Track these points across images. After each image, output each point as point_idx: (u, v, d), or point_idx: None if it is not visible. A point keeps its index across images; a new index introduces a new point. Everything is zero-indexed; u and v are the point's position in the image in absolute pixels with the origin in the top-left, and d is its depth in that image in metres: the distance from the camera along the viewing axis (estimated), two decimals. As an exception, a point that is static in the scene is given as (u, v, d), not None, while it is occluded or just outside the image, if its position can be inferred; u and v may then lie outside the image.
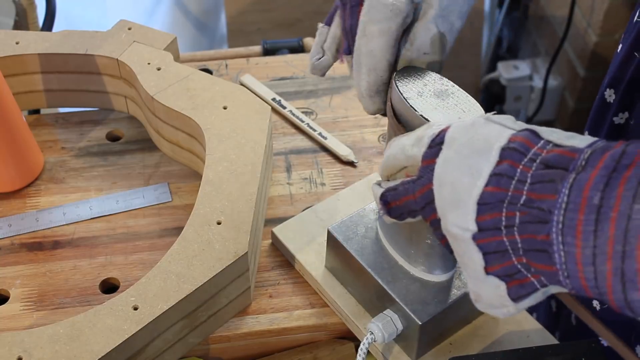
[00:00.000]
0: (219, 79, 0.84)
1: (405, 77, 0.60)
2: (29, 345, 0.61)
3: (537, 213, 0.45)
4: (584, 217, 0.42)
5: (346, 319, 0.71)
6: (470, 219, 0.47)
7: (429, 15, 0.60)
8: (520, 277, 0.47)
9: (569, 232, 0.43)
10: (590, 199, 0.42)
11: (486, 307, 0.50)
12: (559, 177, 0.44)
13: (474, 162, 0.48)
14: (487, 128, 0.49)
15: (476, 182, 0.47)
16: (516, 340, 0.69)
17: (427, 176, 0.51)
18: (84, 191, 0.83)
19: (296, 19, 1.87)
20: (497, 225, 0.47)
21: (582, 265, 0.43)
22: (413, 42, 0.60)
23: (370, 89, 0.62)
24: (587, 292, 0.44)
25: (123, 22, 0.90)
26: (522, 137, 0.47)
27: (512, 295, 0.48)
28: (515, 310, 0.49)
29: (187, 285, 0.65)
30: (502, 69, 1.98)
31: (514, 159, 0.47)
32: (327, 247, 0.72)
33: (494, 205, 0.46)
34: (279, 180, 0.85)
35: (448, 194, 0.49)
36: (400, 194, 0.54)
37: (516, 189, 0.46)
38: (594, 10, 1.68)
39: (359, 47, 0.61)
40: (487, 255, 0.47)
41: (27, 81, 0.88)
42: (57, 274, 0.75)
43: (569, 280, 0.45)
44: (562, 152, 0.45)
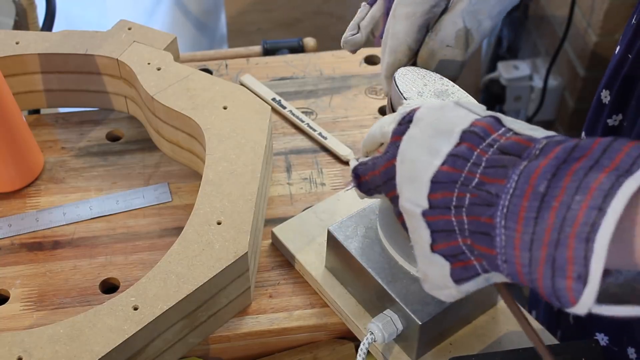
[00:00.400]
0: (219, 79, 0.84)
1: (405, 77, 0.60)
2: (29, 345, 0.61)
3: (486, 196, 0.46)
4: (528, 203, 0.43)
5: (346, 319, 0.71)
6: (423, 195, 0.48)
7: (457, 8, 0.61)
8: (464, 259, 0.48)
9: (511, 217, 0.44)
10: (536, 187, 0.43)
11: (431, 288, 0.51)
12: (511, 163, 0.45)
13: (435, 141, 0.49)
14: (454, 111, 0.50)
15: (433, 161, 0.48)
16: (516, 340, 0.69)
17: (391, 152, 0.52)
18: (84, 191, 0.83)
19: (296, 19, 1.87)
20: (447, 204, 0.48)
21: (520, 250, 0.44)
22: (437, 33, 0.61)
23: (388, 70, 0.63)
24: (521, 279, 0.45)
25: (123, 22, 0.90)
26: (484, 122, 0.48)
27: (455, 276, 0.49)
28: (457, 293, 0.50)
29: (187, 286, 0.65)
30: (502, 69, 1.98)
31: (473, 142, 0.48)
32: (327, 247, 0.72)
33: (447, 185, 0.48)
34: (279, 180, 0.85)
35: (407, 170, 0.50)
36: (368, 168, 0.55)
37: (470, 171, 0.47)
38: (594, 10, 1.68)
39: (388, 27, 0.63)
40: (434, 233, 0.49)
41: (27, 81, 0.88)
42: (57, 274, 0.75)
43: (506, 265, 0.45)
44: (519, 140, 0.46)
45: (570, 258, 0.41)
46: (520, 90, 1.98)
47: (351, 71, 0.97)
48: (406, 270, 0.67)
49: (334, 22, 1.85)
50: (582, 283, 0.41)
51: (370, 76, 0.96)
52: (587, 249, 0.40)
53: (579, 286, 0.41)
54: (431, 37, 0.61)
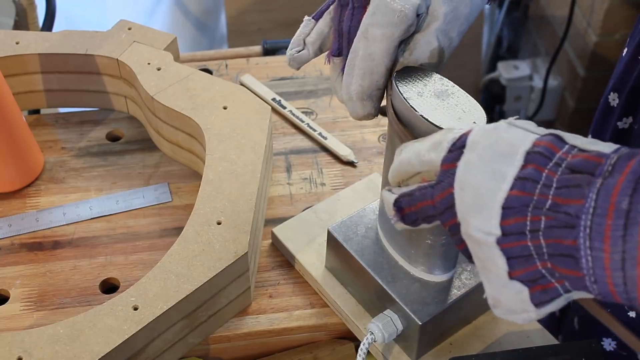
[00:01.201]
0: (219, 79, 0.84)
1: (405, 77, 0.60)
2: (29, 345, 0.61)
3: (564, 218, 0.44)
4: (612, 222, 0.42)
5: (346, 319, 0.71)
6: (495, 223, 0.47)
7: (432, 27, 0.59)
8: (544, 282, 0.47)
9: (596, 237, 0.43)
10: (618, 204, 0.42)
11: (505, 313, 0.49)
12: (586, 182, 0.44)
13: (498, 165, 0.47)
14: (510, 132, 0.48)
15: (500, 186, 0.47)
16: (516, 340, 0.69)
17: (447, 180, 0.50)
18: (84, 191, 0.83)
19: (296, 19, 1.86)
20: (522, 229, 0.46)
21: (611, 270, 0.43)
22: (412, 52, 0.60)
23: (363, 93, 0.61)
24: (615, 298, 0.44)
25: (123, 22, 0.90)
26: (546, 141, 0.47)
27: (535, 300, 0.47)
28: (536, 315, 0.48)
29: (187, 285, 0.65)
30: (502, 69, 1.98)
31: (539, 163, 0.46)
32: (327, 247, 0.72)
33: (519, 210, 0.46)
34: (279, 180, 0.85)
35: (470, 198, 0.48)
36: (416, 199, 0.53)
37: (542, 193, 0.45)
38: (594, 10, 1.68)
39: (357, 49, 0.60)
40: (510, 259, 0.47)
41: (27, 81, 0.88)
42: (57, 274, 0.75)
43: (596, 286, 0.44)
44: (587, 157, 0.45)
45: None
46: (520, 90, 1.98)
47: (351, 71, 0.97)
48: (406, 270, 0.67)
49: (334, 22, 1.85)
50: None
51: (370, 76, 0.96)
52: None
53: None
54: (405, 57, 0.60)
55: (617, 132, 0.79)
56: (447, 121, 0.55)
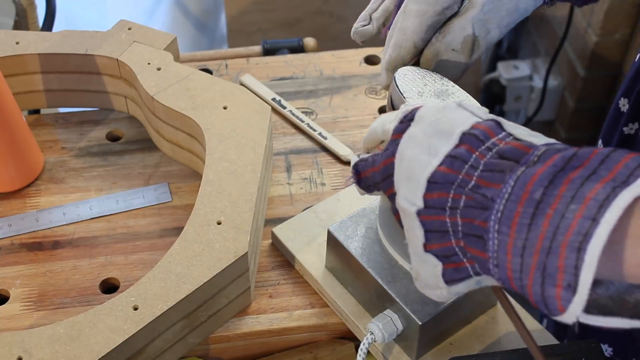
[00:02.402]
0: (219, 79, 0.84)
1: (405, 77, 0.60)
2: (29, 345, 0.61)
3: (481, 199, 0.46)
4: (523, 209, 0.43)
5: (346, 319, 0.71)
6: (419, 194, 0.49)
7: (469, 14, 0.61)
8: (456, 260, 0.49)
9: (505, 222, 0.44)
10: (532, 193, 0.43)
11: (423, 287, 0.52)
12: (509, 168, 0.45)
13: (435, 141, 0.49)
14: (456, 113, 0.50)
15: (431, 161, 0.48)
16: (516, 340, 0.69)
17: (391, 149, 0.52)
18: (84, 191, 0.83)
19: (296, 19, 1.87)
20: (443, 205, 0.48)
21: (512, 255, 0.44)
22: (445, 35, 0.61)
23: (390, 64, 0.63)
24: (512, 284, 0.45)
25: (123, 22, 0.90)
26: (485, 125, 0.49)
27: (446, 277, 0.49)
28: (447, 293, 0.50)
29: (187, 285, 0.65)
30: (502, 69, 1.98)
31: (472, 144, 0.48)
32: (327, 247, 0.72)
33: (443, 185, 0.48)
34: (279, 180, 0.85)
35: (405, 168, 0.50)
36: (368, 164, 0.55)
37: (467, 174, 0.47)
38: (594, 10, 1.68)
39: (396, 21, 0.63)
40: (428, 232, 0.49)
41: (27, 81, 0.88)
42: (57, 274, 0.75)
43: (497, 270, 0.46)
44: (518, 145, 0.46)
45: (561, 267, 0.41)
46: (520, 90, 1.98)
47: (351, 71, 0.97)
48: (406, 270, 0.67)
49: (334, 22, 1.85)
50: (572, 292, 0.41)
51: (370, 76, 0.96)
52: (578, 258, 0.41)
53: (568, 295, 0.42)
54: (438, 39, 0.61)
55: (623, 137, 0.79)
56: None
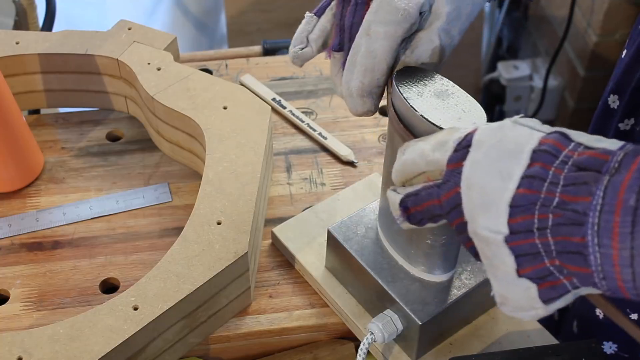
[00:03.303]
0: (219, 79, 0.84)
1: (405, 77, 0.60)
2: (29, 345, 0.61)
3: (571, 215, 0.44)
4: (620, 218, 0.42)
5: (346, 319, 0.71)
6: (502, 221, 0.47)
7: (434, 26, 0.59)
8: (553, 279, 0.47)
9: (605, 234, 0.43)
10: (625, 201, 0.42)
11: (513, 310, 0.50)
12: (593, 179, 0.44)
13: (505, 164, 0.47)
14: (516, 131, 0.48)
15: (507, 185, 0.47)
16: (516, 340, 0.69)
17: (454, 180, 0.50)
18: (84, 191, 0.83)
19: (296, 19, 1.86)
20: (530, 227, 0.46)
21: (620, 266, 0.43)
22: (414, 50, 0.60)
23: (363, 90, 0.61)
24: (624, 293, 0.44)
25: (123, 22, 0.90)
26: (552, 139, 0.47)
27: (543, 297, 0.47)
28: (544, 312, 0.48)
29: (187, 285, 0.65)
30: (502, 69, 1.98)
31: (545, 161, 0.46)
32: (327, 247, 0.72)
33: (526, 208, 0.46)
34: (279, 180, 0.85)
35: (477, 196, 0.48)
36: (422, 199, 0.53)
37: (549, 191, 0.46)
38: (594, 10, 1.68)
39: (358, 45, 0.60)
40: (519, 257, 0.47)
41: (27, 81, 0.88)
42: (57, 274, 0.75)
43: (605, 282, 0.44)
44: (594, 154, 0.45)
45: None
46: (520, 90, 1.98)
47: (351, 71, 0.97)
48: (406, 270, 0.67)
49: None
50: None
51: (370, 76, 0.96)
52: None
53: None
54: (407, 55, 0.60)
55: (619, 133, 0.79)
56: (447, 121, 0.55)
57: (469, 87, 1.81)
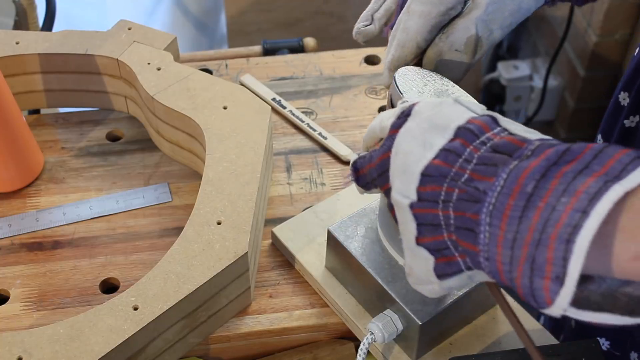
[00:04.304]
0: (219, 79, 0.84)
1: (405, 76, 0.60)
2: (29, 345, 0.61)
3: (473, 192, 0.46)
4: (514, 202, 0.44)
5: (346, 319, 0.71)
6: (412, 187, 0.49)
7: (472, 15, 0.61)
8: (448, 254, 0.49)
9: (496, 215, 0.44)
10: (524, 186, 0.43)
11: (415, 282, 0.52)
12: (502, 161, 0.46)
13: (430, 135, 0.49)
14: (452, 108, 0.50)
15: (425, 154, 0.49)
16: (516, 340, 0.69)
17: (387, 144, 0.52)
18: (84, 191, 0.83)
19: (296, 19, 1.87)
20: (436, 198, 0.48)
21: (502, 248, 0.44)
22: (449, 36, 0.61)
23: (392, 63, 0.63)
24: (502, 277, 0.45)
25: (123, 22, 0.90)
26: (480, 120, 0.49)
27: (438, 271, 0.49)
28: (439, 288, 0.50)
29: (187, 285, 0.65)
30: (502, 69, 1.98)
31: (466, 138, 0.48)
32: (327, 247, 0.72)
33: (437, 179, 0.48)
34: (279, 180, 0.85)
35: (400, 162, 0.50)
36: (366, 161, 0.56)
37: (461, 167, 0.47)
38: (594, 10, 1.68)
39: (400, 21, 0.62)
40: (420, 225, 0.49)
41: (27, 81, 0.88)
42: (57, 274, 0.75)
43: (488, 263, 0.46)
44: (512, 139, 0.47)
45: (549, 258, 0.42)
46: (520, 90, 1.98)
47: (351, 71, 0.97)
48: (406, 270, 0.67)
49: (334, 22, 1.85)
50: (559, 284, 0.41)
51: (370, 76, 0.96)
52: (566, 250, 0.41)
53: (555, 287, 0.42)
54: (441, 39, 0.61)
55: (624, 130, 0.79)
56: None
57: (469, 87, 1.81)
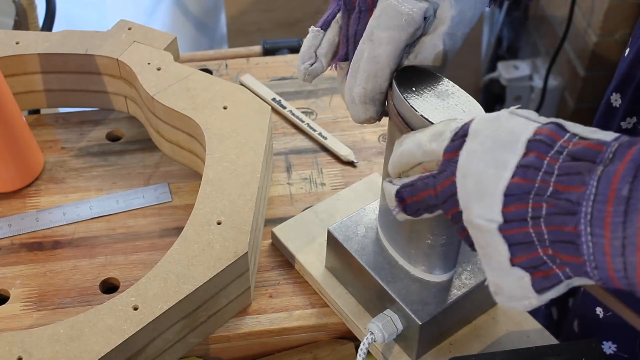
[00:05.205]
0: (219, 79, 0.84)
1: (405, 77, 0.60)
2: (29, 345, 0.61)
3: (565, 204, 0.45)
4: (613, 208, 0.42)
5: (346, 319, 0.71)
6: (496, 210, 0.47)
7: (439, 31, 0.59)
8: (546, 269, 0.47)
9: (597, 224, 0.43)
10: (618, 191, 0.42)
11: (507, 300, 0.50)
12: (587, 169, 0.44)
13: (500, 154, 0.48)
14: (512, 121, 0.49)
15: (502, 174, 0.47)
16: (516, 340, 0.69)
17: (449, 169, 0.50)
18: (84, 191, 0.83)
19: (296, 19, 1.87)
20: (524, 216, 0.46)
21: (611, 256, 0.43)
22: (417, 55, 0.59)
23: (366, 96, 0.60)
24: (615, 283, 0.44)
25: (123, 22, 0.90)
26: (548, 129, 0.47)
27: (536, 286, 0.48)
28: (537, 302, 0.49)
29: (187, 285, 0.65)
30: (502, 69, 1.98)
31: (540, 150, 0.46)
32: (327, 247, 0.72)
33: (520, 197, 0.46)
34: (279, 180, 0.85)
35: (472, 185, 0.48)
36: (418, 189, 0.53)
37: (543, 181, 0.46)
38: (594, 10, 1.68)
39: (361, 51, 0.59)
40: (512, 246, 0.47)
41: (27, 81, 0.88)
42: (57, 274, 0.75)
43: (597, 271, 0.45)
44: (588, 144, 0.45)
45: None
46: (520, 90, 1.98)
47: (351, 71, 0.97)
48: (406, 270, 0.67)
49: (334, 22, 1.85)
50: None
51: (370, 76, 0.96)
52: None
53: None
54: (410, 60, 0.60)
55: (621, 132, 0.79)
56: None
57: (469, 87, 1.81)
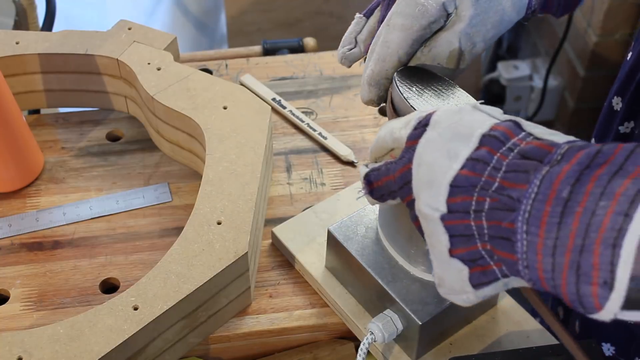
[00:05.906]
0: (219, 79, 0.84)
1: (405, 76, 0.60)
2: (29, 345, 0.61)
3: (507, 200, 0.45)
4: (551, 208, 0.43)
5: (346, 319, 0.71)
6: (442, 199, 0.48)
7: (456, 28, 0.59)
8: (483, 264, 0.48)
9: (534, 222, 0.44)
10: (559, 192, 0.43)
11: (448, 292, 0.51)
12: (533, 168, 0.45)
13: (454, 145, 0.48)
14: (472, 115, 0.50)
15: (452, 165, 0.48)
16: (516, 340, 0.69)
17: (407, 156, 0.52)
18: (84, 191, 0.83)
19: (296, 19, 1.87)
20: (467, 208, 0.47)
21: (542, 255, 0.44)
22: (431, 49, 0.60)
23: (372, 78, 0.62)
24: (543, 285, 0.45)
25: (123, 22, 0.90)
26: (504, 126, 0.48)
27: (473, 281, 0.49)
28: (474, 297, 0.49)
29: (187, 285, 0.65)
30: (502, 69, 1.98)
31: (492, 146, 0.47)
32: (327, 247, 0.72)
33: (466, 189, 0.47)
34: (279, 180, 0.85)
35: (424, 174, 0.49)
36: (382, 174, 0.55)
37: (490, 176, 0.47)
38: (594, 10, 1.68)
39: (379, 34, 0.61)
40: (453, 237, 0.48)
41: (27, 81, 0.88)
42: (57, 274, 0.75)
43: (528, 271, 0.45)
44: (540, 144, 0.46)
45: (595, 264, 0.41)
46: (520, 90, 1.98)
47: (351, 71, 0.97)
48: (406, 270, 0.67)
49: (334, 22, 1.85)
50: (608, 289, 0.41)
51: (370, 76, 0.96)
52: (613, 254, 0.40)
53: (604, 292, 0.41)
54: (423, 53, 0.60)
55: (619, 136, 0.79)
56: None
57: (469, 87, 1.81)
